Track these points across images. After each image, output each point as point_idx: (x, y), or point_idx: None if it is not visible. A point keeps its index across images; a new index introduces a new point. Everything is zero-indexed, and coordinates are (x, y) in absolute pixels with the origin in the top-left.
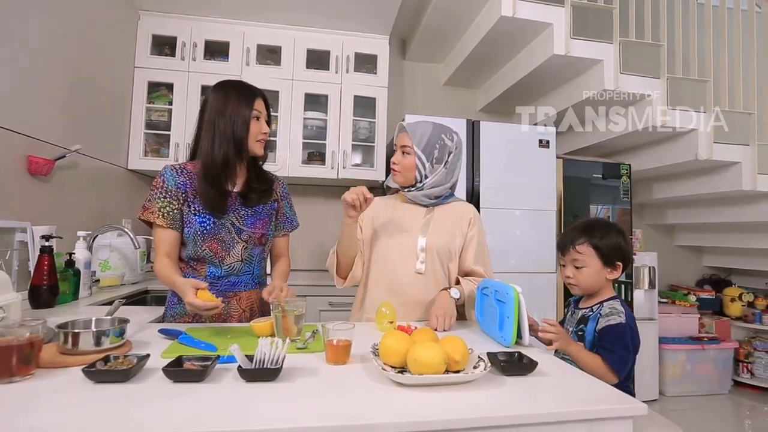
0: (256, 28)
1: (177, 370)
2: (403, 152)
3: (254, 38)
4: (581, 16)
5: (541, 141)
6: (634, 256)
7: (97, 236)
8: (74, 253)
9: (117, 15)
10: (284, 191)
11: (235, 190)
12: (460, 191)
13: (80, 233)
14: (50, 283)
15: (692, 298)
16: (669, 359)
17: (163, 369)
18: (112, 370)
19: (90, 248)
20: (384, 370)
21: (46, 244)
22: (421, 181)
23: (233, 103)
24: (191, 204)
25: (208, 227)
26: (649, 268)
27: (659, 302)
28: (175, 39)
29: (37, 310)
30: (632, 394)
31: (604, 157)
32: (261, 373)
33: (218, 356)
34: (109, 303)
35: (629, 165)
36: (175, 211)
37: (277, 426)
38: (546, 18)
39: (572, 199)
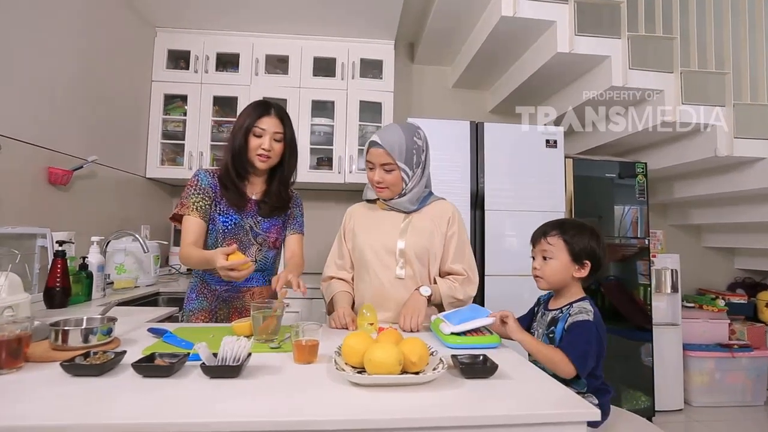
0: (264, 39)
1: (146, 366)
2: (386, 170)
3: (263, 49)
4: (587, 12)
5: (548, 141)
6: (654, 258)
7: (110, 241)
8: (87, 257)
9: (135, 33)
10: (297, 200)
11: (253, 197)
12: (464, 193)
13: (94, 238)
14: (63, 285)
15: (721, 302)
16: (695, 367)
17: (133, 364)
18: (87, 364)
19: (103, 253)
20: (338, 369)
21: (59, 248)
22: (403, 188)
23: (242, 118)
24: (218, 204)
25: (229, 227)
26: (671, 270)
27: (684, 307)
28: (188, 53)
29: (51, 309)
30: (608, 392)
31: (619, 156)
32: (222, 370)
33: (187, 354)
34: (122, 304)
35: (645, 163)
36: (207, 206)
37: (219, 419)
38: (548, 16)
39: (584, 200)
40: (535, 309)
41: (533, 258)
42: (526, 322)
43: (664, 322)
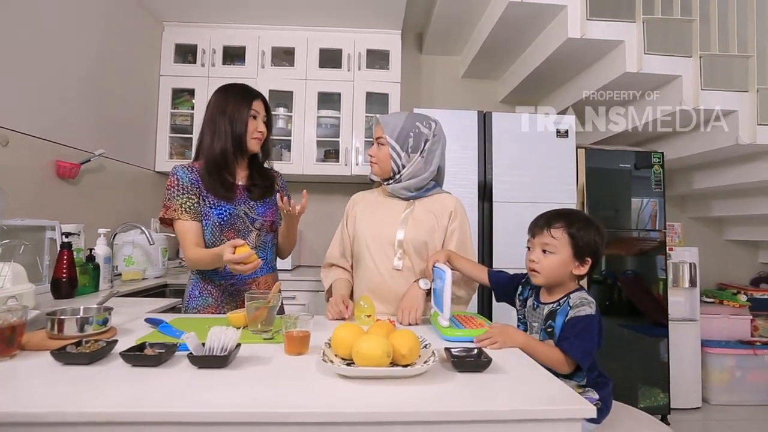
0: (270, 31)
1: (134, 355)
2: (378, 143)
3: (269, 41)
4: None
5: (558, 131)
6: (671, 251)
7: (116, 233)
8: (94, 249)
9: (143, 28)
10: (283, 184)
11: (240, 183)
12: (471, 185)
13: (101, 230)
14: (69, 276)
15: (742, 297)
16: (714, 364)
17: (121, 353)
18: (76, 353)
19: (111, 245)
20: (326, 361)
21: (65, 240)
22: (398, 172)
23: (233, 103)
24: (206, 198)
25: (225, 218)
26: (690, 264)
27: (703, 302)
28: (195, 47)
29: (58, 300)
30: (607, 383)
31: (634, 146)
32: (209, 360)
33: (176, 344)
34: (129, 295)
35: (662, 153)
36: (195, 204)
37: (203, 409)
38: (559, 0)
39: (597, 192)
40: (522, 289)
41: (529, 248)
42: (503, 283)
43: (681, 318)
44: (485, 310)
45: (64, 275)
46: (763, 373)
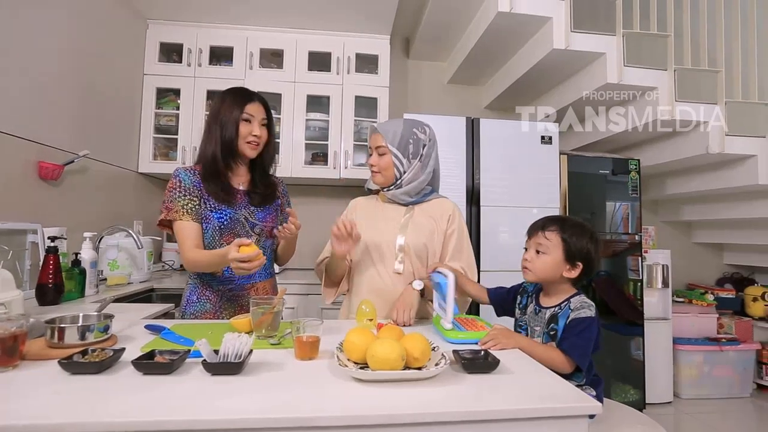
0: (259, 33)
1: (146, 363)
2: (379, 153)
3: (257, 42)
4: (583, 8)
5: (543, 137)
6: (646, 254)
7: (102, 237)
8: (80, 253)
9: (126, 26)
10: (284, 190)
11: (241, 188)
12: (459, 189)
13: (86, 234)
14: (55, 282)
15: (710, 297)
16: (684, 360)
17: (133, 362)
18: (85, 362)
19: (96, 249)
20: (341, 365)
21: (51, 244)
22: (399, 179)
23: (227, 107)
24: (206, 201)
25: (225, 222)
26: (662, 266)
27: (674, 301)
28: (181, 46)
29: (43, 306)
30: (601, 382)
31: (613, 153)
32: (224, 367)
33: (188, 350)
34: (115, 300)
35: (638, 160)
36: (197, 206)
37: (222, 416)
38: (545, 12)
39: (578, 196)
40: (521, 298)
41: (525, 249)
42: (501, 298)
43: (655, 317)
44: (472, 313)
45: (50, 281)
46: (728, 368)
